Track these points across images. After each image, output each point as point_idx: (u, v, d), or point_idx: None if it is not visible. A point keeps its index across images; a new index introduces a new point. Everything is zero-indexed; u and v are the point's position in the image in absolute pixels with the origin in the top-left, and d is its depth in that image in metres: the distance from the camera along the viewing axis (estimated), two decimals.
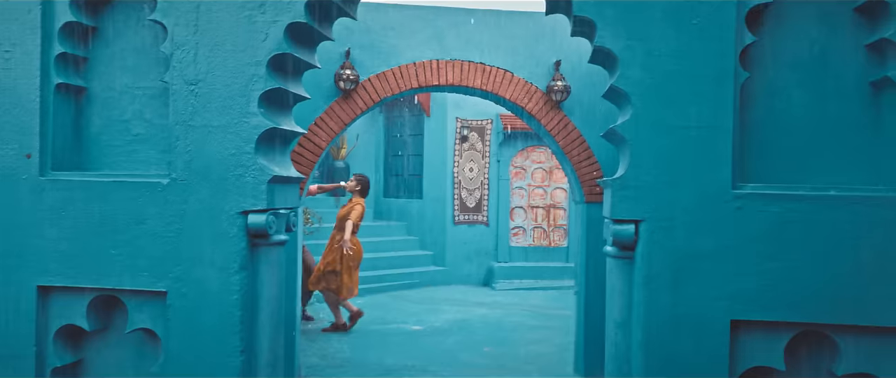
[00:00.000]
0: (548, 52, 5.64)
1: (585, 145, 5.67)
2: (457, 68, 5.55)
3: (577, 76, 5.64)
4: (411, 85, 5.52)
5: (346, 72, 5.31)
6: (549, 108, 5.64)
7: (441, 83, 5.57)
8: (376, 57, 5.50)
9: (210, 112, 2.88)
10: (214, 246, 2.85)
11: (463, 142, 10.01)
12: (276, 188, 2.92)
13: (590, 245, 5.68)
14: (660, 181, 2.60)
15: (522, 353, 6.42)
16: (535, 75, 5.64)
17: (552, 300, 9.00)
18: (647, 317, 2.60)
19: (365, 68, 5.47)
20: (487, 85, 5.58)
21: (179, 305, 2.87)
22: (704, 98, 2.58)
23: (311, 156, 5.44)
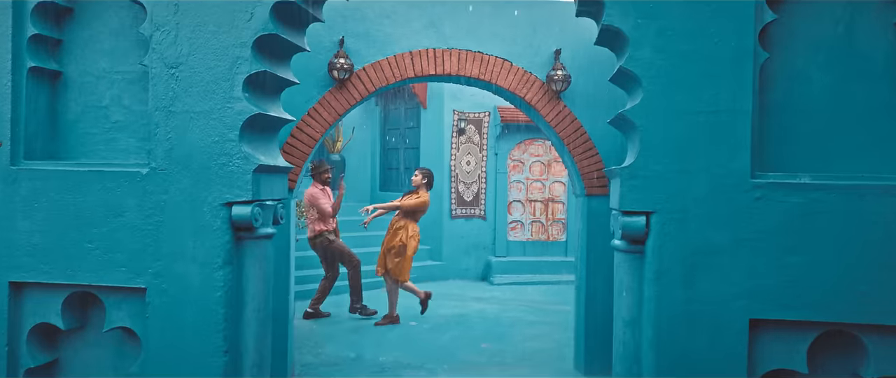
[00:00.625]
0: (547, 40, 5.44)
1: (586, 136, 5.48)
2: (454, 57, 5.35)
3: (577, 65, 5.45)
4: (407, 74, 5.32)
5: (340, 61, 5.11)
6: (549, 99, 5.44)
7: (438, 72, 5.36)
8: (371, 45, 5.30)
9: (192, 97, 2.67)
10: (196, 239, 2.65)
11: (460, 134, 9.80)
12: (263, 178, 2.72)
13: (591, 239, 5.50)
14: (672, 170, 2.41)
15: (521, 350, 6.24)
16: (534, 65, 5.44)
17: (551, 295, 8.81)
18: (659, 315, 2.41)
19: (360, 57, 5.26)
20: (485, 74, 5.38)
21: (159, 303, 2.68)
22: (721, 80, 2.38)
23: (305, 147, 5.24)
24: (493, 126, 9.87)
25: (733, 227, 2.38)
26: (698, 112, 2.40)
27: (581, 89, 5.47)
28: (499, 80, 5.39)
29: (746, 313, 2.36)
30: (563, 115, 5.47)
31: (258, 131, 2.77)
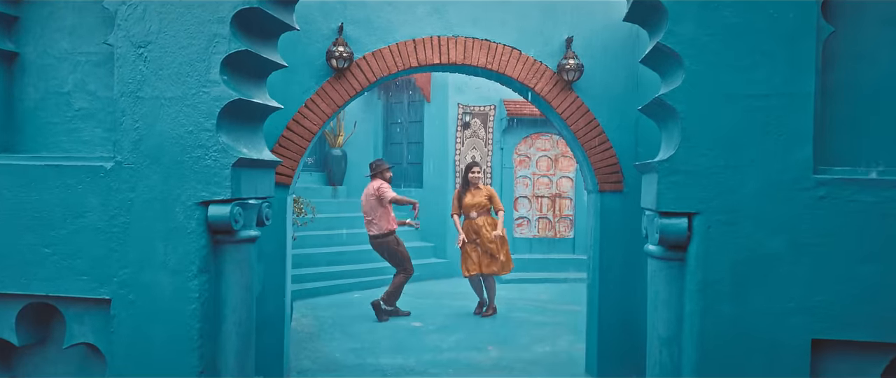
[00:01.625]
0: (559, 27, 5.05)
1: (599, 129, 5.09)
2: (459, 46, 4.96)
3: (590, 54, 5.06)
4: (410, 64, 4.93)
5: (339, 49, 4.72)
6: (560, 89, 5.05)
7: (442, 62, 4.98)
8: (372, 33, 4.91)
9: (162, 81, 2.29)
10: (168, 244, 2.28)
11: (465, 129, 9.41)
12: (244, 174, 2.34)
13: (604, 237, 5.12)
14: (719, 164, 2.02)
15: (530, 353, 5.86)
16: (544, 53, 5.05)
17: (558, 294, 8.43)
18: (703, 333, 2.03)
19: (360, 45, 4.88)
20: (492, 64, 4.99)
21: (126, 316, 2.30)
22: (777, 59, 1.99)
23: (302, 141, 4.86)
24: (498, 120, 9.48)
25: (792, 230, 1.98)
26: (750, 96, 2.01)
27: (594, 79, 5.09)
28: (507, 70, 5.01)
29: (808, 333, 1.98)
30: (574, 107, 5.09)
31: (239, 120, 2.39)
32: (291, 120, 4.83)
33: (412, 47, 4.91)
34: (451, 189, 9.50)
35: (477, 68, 5.03)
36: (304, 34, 4.80)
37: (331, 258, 8.50)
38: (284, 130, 4.82)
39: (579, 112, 5.08)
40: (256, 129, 2.54)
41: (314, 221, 8.78)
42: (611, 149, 5.09)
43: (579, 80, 5.04)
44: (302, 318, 6.72)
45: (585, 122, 5.08)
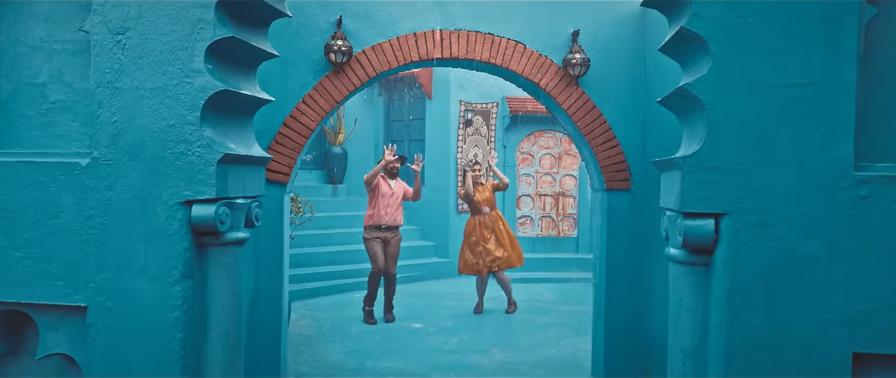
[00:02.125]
0: (564, 21, 4.84)
1: (606, 126, 4.89)
2: (462, 39, 4.76)
3: (596, 48, 4.87)
4: (411, 58, 4.74)
5: (338, 43, 4.53)
6: (566, 84, 4.86)
7: (444, 56, 4.78)
8: (372, 26, 4.71)
9: (142, 70, 2.10)
10: (148, 247, 2.09)
11: (467, 126, 9.21)
12: (231, 171, 2.15)
13: (611, 237, 4.93)
14: (750, 160, 1.83)
15: (534, 355, 5.67)
16: (549, 47, 4.85)
17: (562, 294, 8.24)
18: (731, 345, 1.83)
19: (359, 39, 4.68)
20: (496, 58, 4.79)
21: (103, 325, 2.11)
22: (814, 44, 1.79)
23: (299, 138, 4.67)
24: (501, 117, 9.28)
25: (830, 233, 1.79)
26: (784, 85, 1.82)
27: (601, 75, 4.89)
28: (511, 65, 4.81)
29: (848, 346, 1.78)
30: (580, 103, 4.89)
31: (226, 113, 2.20)
32: (288, 116, 4.64)
33: (413, 41, 4.72)
34: (453, 188, 9.31)
35: (480, 63, 4.83)
36: (302, 27, 4.61)
37: (331, 258, 8.31)
38: (281, 127, 4.63)
39: (585, 108, 4.88)
40: (245, 124, 2.34)
41: (313, 220, 8.58)
42: (618, 146, 4.90)
43: (585, 76, 4.84)
44: (300, 320, 6.53)
45: (592, 118, 4.89)
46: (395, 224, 6.70)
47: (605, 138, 4.89)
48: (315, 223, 8.59)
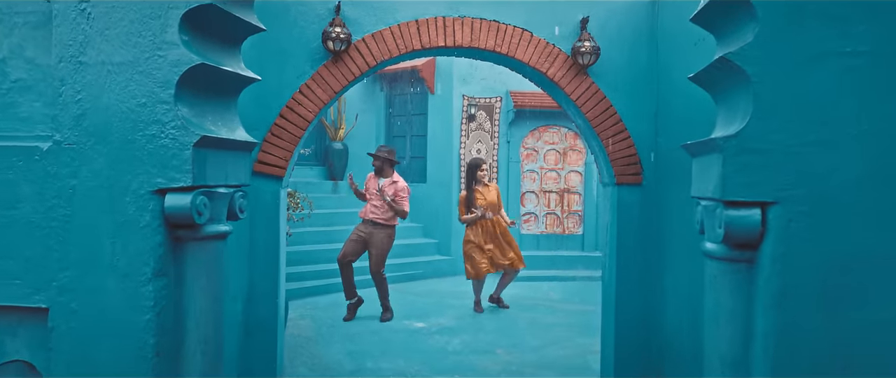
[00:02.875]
0: (572, 8, 4.57)
1: (616, 117, 4.63)
2: (466, 27, 4.50)
3: (607, 36, 4.60)
4: (413, 46, 4.48)
5: (336, 30, 4.27)
6: (575, 74, 4.59)
7: (447, 45, 4.52)
8: (371, 13, 4.45)
9: (109, 42, 1.84)
10: (117, 241, 1.83)
11: (470, 121, 8.93)
12: (210, 157, 1.89)
13: (621, 234, 4.66)
14: (805, 140, 1.57)
15: (540, 356, 5.41)
16: (557, 36, 4.58)
17: (568, 293, 7.97)
18: (780, 356, 1.57)
19: (358, 27, 4.42)
20: (501, 46, 4.53)
21: (67, 328, 1.86)
22: (883, 4, 1.53)
23: (296, 129, 4.41)
24: (505, 112, 9.00)
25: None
26: (846, 53, 1.55)
27: (611, 64, 4.62)
28: (517, 54, 4.55)
29: None
30: (590, 93, 4.62)
31: (205, 92, 1.94)
32: (285, 107, 4.38)
33: (415, 29, 4.46)
34: (456, 184, 9.04)
35: (485, 52, 4.57)
36: (299, 14, 4.36)
37: (331, 255, 8.00)
38: (277, 118, 4.37)
39: (595, 99, 4.62)
40: (228, 105, 2.08)
41: (314, 217, 8.32)
42: (629, 138, 4.63)
43: (595, 65, 4.58)
44: (299, 320, 6.27)
45: (601, 109, 4.62)
46: (372, 219, 6.38)
47: (615, 130, 4.62)
48: (315, 220, 8.33)
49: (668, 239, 4.37)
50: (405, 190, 6.47)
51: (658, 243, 4.54)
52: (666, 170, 4.47)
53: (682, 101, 4.24)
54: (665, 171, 4.49)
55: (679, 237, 4.20)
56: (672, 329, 4.23)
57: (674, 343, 4.20)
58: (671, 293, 4.30)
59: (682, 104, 4.23)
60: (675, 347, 4.18)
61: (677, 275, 4.20)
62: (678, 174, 4.27)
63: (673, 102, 4.38)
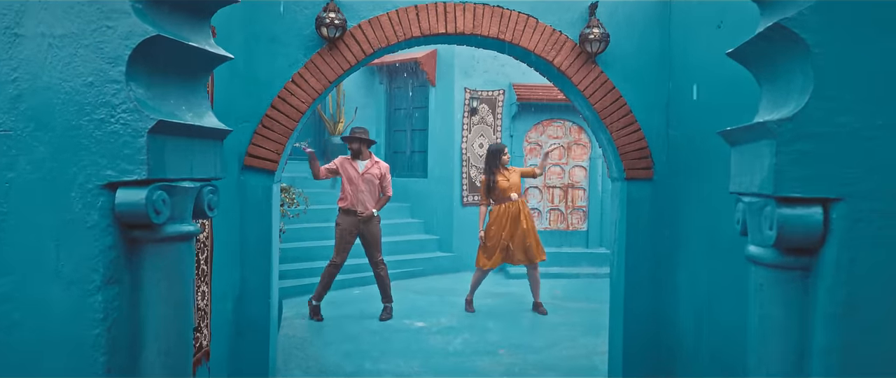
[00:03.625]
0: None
1: (626, 108, 4.34)
2: (468, 13, 4.21)
3: (616, 22, 4.31)
4: (411, 33, 4.19)
5: (330, 15, 3.98)
6: (582, 63, 4.30)
7: (448, 32, 4.22)
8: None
9: (50, 11, 1.56)
10: (61, 243, 1.55)
11: (472, 115, 8.64)
12: (170, 145, 1.60)
13: (631, 231, 4.38)
14: (877, 123, 1.28)
15: (545, 357, 5.14)
16: (564, 22, 4.29)
17: (572, 291, 7.69)
18: (845, 376, 1.29)
19: (354, 12, 4.13)
20: (505, 34, 4.24)
21: (5, 343, 1.59)
22: None
23: (288, 121, 4.13)
24: (507, 105, 8.70)
25: None
26: None
27: (621, 52, 4.33)
28: (522, 41, 4.26)
29: None
30: (598, 83, 4.33)
31: (166, 70, 1.65)
32: (276, 97, 4.10)
33: (414, 15, 4.17)
34: (457, 179, 8.75)
35: (487, 39, 4.28)
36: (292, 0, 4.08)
37: (329, 252, 7.72)
38: (268, 109, 4.09)
39: (604, 89, 4.33)
40: (195, 86, 1.78)
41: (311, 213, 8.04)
42: (639, 131, 4.35)
43: (604, 53, 4.29)
44: (295, 319, 6.00)
45: (611, 100, 4.33)
46: (367, 211, 5.98)
47: (625, 122, 4.34)
48: (312, 216, 8.04)
49: (683, 236, 4.09)
50: (389, 170, 6.18)
51: (670, 241, 4.26)
52: (679, 163, 4.19)
53: (698, 89, 3.95)
54: (678, 165, 4.20)
55: (695, 234, 3.93)
56: (686, 331, 3.96)
57: (687, 345, 3.93)
58: (685, 293, 4.02)
59: (697, 95, 3.94)
60: (688, 349, 3.91)
61: (693, 274, 3.92)
62: (693, 167, 3.98)
63: (687, 92, 4.08)
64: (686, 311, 3.97)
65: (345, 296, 7.10)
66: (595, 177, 8.72)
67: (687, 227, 4.05)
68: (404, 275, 8.13)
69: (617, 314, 4.53)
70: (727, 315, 3.43)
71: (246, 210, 4.10)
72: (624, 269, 4.40)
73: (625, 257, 4.40)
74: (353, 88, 9.47)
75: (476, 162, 8.72)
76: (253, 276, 4.14)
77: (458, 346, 5.38)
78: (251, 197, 4.11)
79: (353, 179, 5.93)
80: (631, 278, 4.38)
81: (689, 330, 3.90)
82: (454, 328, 5.91)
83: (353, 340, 5.40)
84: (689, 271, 3.99)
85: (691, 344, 3.83)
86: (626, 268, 4.39)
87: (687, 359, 3.92)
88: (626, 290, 4.40)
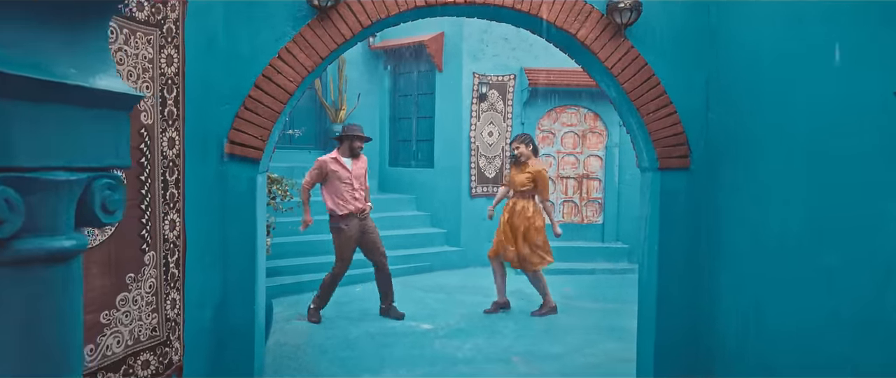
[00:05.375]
0: None
1: (660, 88, 3.74)
2: None
3: None
4: (415, 3, 3.60)
5: None
6: (610, 36, 3.71)
7: (458, 1, 3.63)
8: None
9: None
10: None
11: (481, 101, 8.03)
12: (28, 115, 1.01)
13: (665, 227, 3.81)
14: None
15: (561, 365, 4.57)
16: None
17: (587, 288, 7.09)
18: None
19: None
20: (521, 3, 3.64)
21: None
22: None
23: (275, 103, 3.56)
24: (519, 91, 8.08)
25: None
26: None
27: (654, 23, 3.75)
28: (541, 11, 3.66)
29: None
30: (628, 59, 3.74)
31: (25, 8, 1.06)
32: (260, 76, 3.53)
33: None
34: (465, 169, 8.16)
35: (502, 9, 3.69)
36: None
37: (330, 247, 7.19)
38: (251, 89, 3.53)
39: (635, 65, 3.73)
40: (80, 34, 1.17)
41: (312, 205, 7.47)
42: (675, 114, 3.76)
43: (634, 25, 3.69)
44: (287, 324, 5.42)
45: (642, 78, 3.74)
46: (366, 207, 5.50)
47: (658, 104, 3.74)
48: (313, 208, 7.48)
49: (725, 233, 3.52)
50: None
51: (709, 238, 3.68)
52: (720, 150, 3.60)
53: (746, 65, 3.34)
54: (719, 152, 3.61)
55: (740, 232, 3.36)
56: (731, 338, 3.40)
57: (732, 354, 3.38)
58: (729, 298, 3.46)
59: (746, 69, 3.33)
60: (733, 359, 3.35)
61: (738, 275, 3.37)
62: (738, 155, 3.40)
63: (732, 68, 3.49)
64: (733, 319, 3.40)
65: (345, 294, 6.53)
66: (611, 167, 8.12)
67: (730, 222, 3.48)
68: (409, 271, 7.56)
69: (647, 323, 3.97)
70: (779, 319, 2.90)
71: (227, 204, 3.54)
72: (656, 272, 3.83)
73: (657, 259, 3.83)
74: (356, 74, 8.87)
75: (485, 151, 8.12)
76: (236, 279, 3.59)
77: (468, 352, 4.82)
78: (233, 189, 3.56)
79: (346, 179, 5.37)
80: (664, 283, 3.82)
81: (736, 339, 3.35)
82: (463, 331, 5.35)
83: (351, 346, 4.84)
84: (732, 272, 3.44)
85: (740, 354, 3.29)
86: (658, 271, 3.82)
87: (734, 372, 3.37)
88: (658, 297, 3.84)
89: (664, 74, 3.75)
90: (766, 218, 3.10)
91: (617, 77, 3.74)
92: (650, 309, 3.92)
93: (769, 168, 3.10)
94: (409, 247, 7.82)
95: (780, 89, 2.99)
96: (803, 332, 2.76)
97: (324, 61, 3.65)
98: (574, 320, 5.75)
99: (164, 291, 3.03)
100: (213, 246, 3.46)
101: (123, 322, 2.74)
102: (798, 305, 2.80)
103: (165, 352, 3.06)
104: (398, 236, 7.83)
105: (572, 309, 6.18)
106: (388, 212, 8.23)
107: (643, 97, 3.75)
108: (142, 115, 2.78)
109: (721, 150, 3.61)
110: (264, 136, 3.58)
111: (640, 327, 4.09)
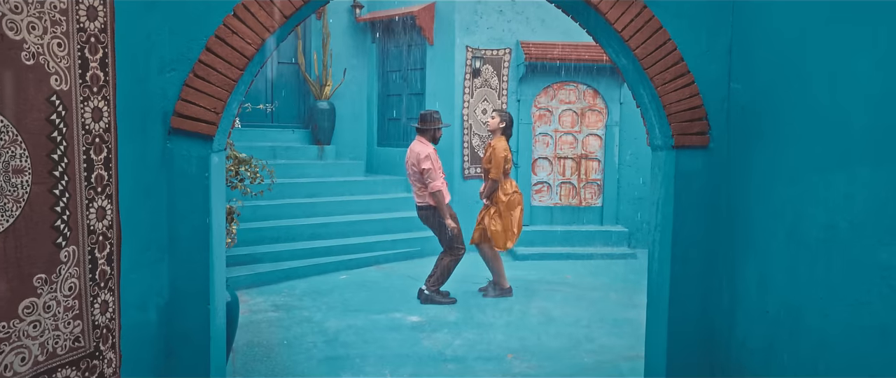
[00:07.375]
0: None
1: (677, 55, 3.19)
2: None
3: None
4: None
5: None
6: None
7: None
8: None
9: None
10: None
11: (474, 76, 7.43)
12: None
13: (680, 213, 3.28)
14: None
15: (562, 365, 4.08)
16: None
17: (586, 275, 6.58)
18: None
19: None
20: None
21: None
22: None
23: (230, 69, 2.99)
24: (514, 66, 7.48)
25: None
26: None
27: None
28: None
29: None
30: (641, 20, 3.17)
31: None
32: (213, 36, 2.96)
33: None
34: (458, 149, 7.60)
35: None
36: None
37: (314, 231, 6.65)
38: (202, 53, 2.96)
39: (648, 28, 3.17)
40: None
41: (296, 187, 6.95)
42: (693, 85, 3.21)
43: None
44: (262, 316, 4.89)
45: (657, 43, 3.18)
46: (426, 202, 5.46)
47: (674, 73, 3.19)
48: (297, 190, 6.95)
49: (750, 221, 3.00)
50: (420, 159, 5.53)
51: (730, 226, 3.17)
52: (744, 127, 3.06)
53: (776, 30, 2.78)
54: (743, 129, 3.07)
55: (769, 220, 2.83)
56: (756, 340, 2.90)
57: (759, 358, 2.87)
58: (756, 296, 2.94)
59: (776, 35, 2.78)
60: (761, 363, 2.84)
61: (766, 268, 2.85)
62: (766, 132, 2.86)
63: (755, 33, 2.94)
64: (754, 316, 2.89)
65: (328, 281, 6.02)
66: (611, 146, 7.57)
67: (756, 209, 2.95)
68: (396, 256, 7.03)
69: (658, 318, 3.46)
70: (819, 319, 2.42)
71: (175, 188, 2.99)
72: (669, 262, 3.31)
73: (670, 248, 3.30)
74: (342, 48, 8.26)
75: (478, 130, 7.54)
76: (186, 276, 3.04)
77: (458, 348, 4.31)
78: (181, 171, 2.99)
79: (440, 167, 5.48)
80: (678, 275, 3.30)
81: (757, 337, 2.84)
82: (454, 323, 4.84)
83: (331, 343, 4.32)
84: (760, 267, 2.91)
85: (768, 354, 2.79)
86: (671, 262, 3.30)
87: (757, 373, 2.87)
88: (671, 290, 3.32)
89: (681, 39, 3.19)
90: (801, 206, 2.57)
91: (627, 42, 3.18)
92: (662, 304, 3.40)
93: (802, 148, 2.56)
94: (396, 231, 7.29)
95: (830, 51, 2.43)
96: (852, 338, 2.25)
97: (288, 20, 3.07)
98: (574, 311, 5.24)
99: (90, 293, 2.47)
100: (158, 237, 2.92)
101: (31, 334, 2.19)
102: (847, 307, 2.28)
103: (93, 365, 2.51)
104: (385, 220, 7.30)
105: (570, 298, 5.68)
106: (375, 194, 7.68)
107: (657, 65, 3.19)
108: (52, 79, 2.21)
109: (744, 126, 3.07)
110: (218, 108, 3.00)
111: (650, 324, 3.59)
